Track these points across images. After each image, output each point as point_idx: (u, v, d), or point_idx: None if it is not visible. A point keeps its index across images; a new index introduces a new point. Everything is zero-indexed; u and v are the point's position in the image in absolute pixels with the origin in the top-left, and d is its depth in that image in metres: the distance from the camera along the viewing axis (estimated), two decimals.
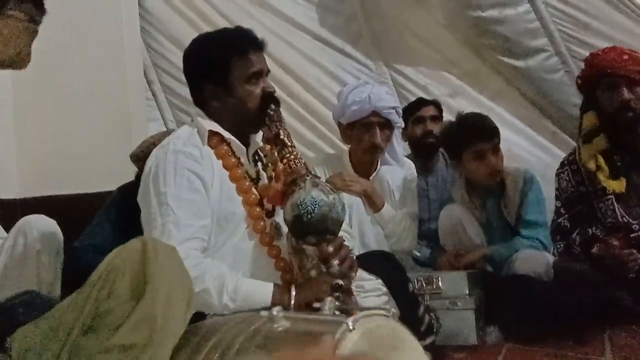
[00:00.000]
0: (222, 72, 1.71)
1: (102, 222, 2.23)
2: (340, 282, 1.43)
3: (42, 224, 2.11)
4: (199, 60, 1.78)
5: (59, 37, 2.96)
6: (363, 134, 2.56)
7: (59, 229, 2.16)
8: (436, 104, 3.22)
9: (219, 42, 1.79)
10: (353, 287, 1.55)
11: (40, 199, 2.91)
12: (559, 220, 2.60)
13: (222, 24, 3.77)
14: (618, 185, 2.49)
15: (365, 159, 2.65)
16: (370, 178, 2.65)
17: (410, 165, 2.81)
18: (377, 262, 1.83)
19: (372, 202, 2.54)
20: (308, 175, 1.54)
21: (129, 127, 3.00)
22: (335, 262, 1.47)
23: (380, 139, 2.56)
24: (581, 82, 2.65)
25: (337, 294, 1.40)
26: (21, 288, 1.96)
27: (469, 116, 2.69)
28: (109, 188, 2.52)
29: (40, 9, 0.71)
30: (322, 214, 1.45)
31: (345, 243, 1.62)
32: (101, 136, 2.94)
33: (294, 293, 1.47)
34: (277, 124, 1.65)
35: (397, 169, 2.71)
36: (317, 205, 1.45)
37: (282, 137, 1.63)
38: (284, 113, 3.91)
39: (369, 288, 1.72)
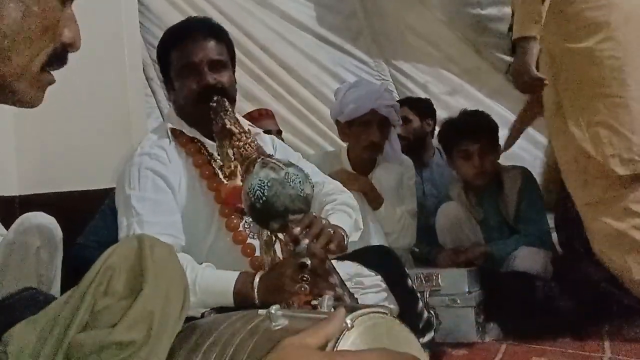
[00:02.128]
0: (165, 67, 1.69)
1: (104, 217, 2.23)
2: (305, 260, 1.26)
3: (41, 221, 2.11)
4: (157, 55, 1.78)
5: None
6: (361, 132, 2.56)
7: (58, 226, 2.16)
8: (410, 103, 3.19)
9: (165, 34, 1.77)
10: (345, 276, 1.44)
11: (39, 196, 2.90)
12: (569, 205, 2.59)
13: (222, 21, 3.76)
14: None
15: (363, 157, 2.64)
16: (369, 176, 2.64)
17: (409, 163, 2.80)
18: (376, 257, 1.83)
19: (371, 200, 2.54)
20: (259, 158, 1.39)
21: (129, 124, 2.99)
22: (305, 241, 1.29)
23: (379, 137, 2.56)
24: None
25: (303, 275, 1.27)
26: (20, 285, 1.97)
27: (466, 114, 2.69)
28: (108, 185, 2.51)
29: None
30: (275, 194, 1.27)
31: (338, 218, 1.56)
32: (100, 133, 2.94)
33: (257, 280, 1.37)
34: (222, 114, 1.54)
35: (395, 167, 2.71)
36: (266, 187, 1.27)
37: (228, 126, 1.52)
38: (284, 111, 3.94)
39: (368, 284, 1.72)
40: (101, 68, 2.96)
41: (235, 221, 1.60)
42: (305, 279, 1.27)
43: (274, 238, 1.42)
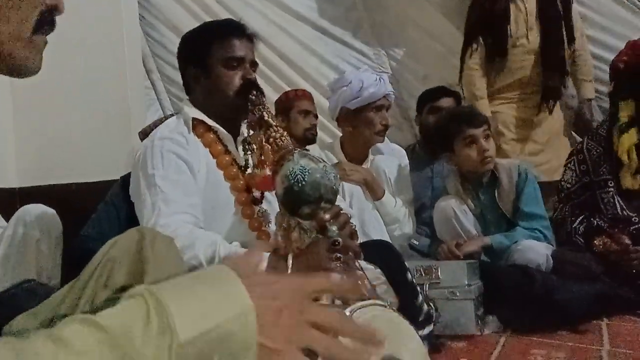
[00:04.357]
0: (202, 54, 1.74)
1: (107, 209, 2.22)
2: (339, 239, 1.35)
3: (41, 213, 2.11)
4: (185, 44, 1.84)
5: (57, 25, 2.94)
6: (374, 117, 2.58)
7: (58, 218, 2.16)
8: (457, 97, 3.18)
9: (206, 26, 1.86)
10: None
11: (39, 188, 2.91)
12: (556, 215, 2.64)
13: (222, 13, 3.76)
14: (633, 182, 2.47)
15: (373, 142, 2.66)
16: (363, 167, 2.65)
17: (401, 152, 2.83)
18: (376, 251, 1.83)
19: (373, 190, 2.54)
20: (296, 149, 1.48)
21: (128, 116, 2.99)
22: (334, 227, 1.38)
23: (389, 121, 2.63)
24: (624, 67, 2.54)
25: (337, 255, 1.33)
26: (21, 277, 1.97)
27: (457, 107, 2.72)
28: (108, 177, 2.51)
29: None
30: (314, 181, 1.37)
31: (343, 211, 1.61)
32: (100, 125, 2.94)
33: (291, 260, 1.41)
34: (260, 107, 1.64)
35: (392, 158, 2.72)
36: (307, 173, 1.37)
37: (266, 118, 1.61)
38: None
39: (368, 277, 1.72)
40: (101, 60, 2.95)
41: (250, 209, 1.68)
42: (338, 257, 1.33)
43: (292, 225, 1.47)
